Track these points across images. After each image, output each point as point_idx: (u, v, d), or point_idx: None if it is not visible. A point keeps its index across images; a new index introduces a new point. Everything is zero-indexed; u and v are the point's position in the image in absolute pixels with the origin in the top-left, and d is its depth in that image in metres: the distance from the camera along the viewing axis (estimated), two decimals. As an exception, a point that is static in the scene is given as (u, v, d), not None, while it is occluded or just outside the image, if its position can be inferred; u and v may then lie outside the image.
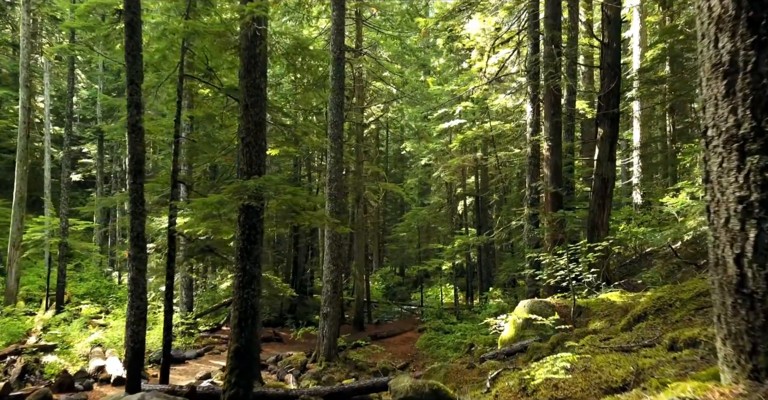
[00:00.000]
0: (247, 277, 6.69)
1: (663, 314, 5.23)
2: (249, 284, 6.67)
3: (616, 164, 12.57)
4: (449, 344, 16.32)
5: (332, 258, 14.14)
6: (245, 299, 6.62)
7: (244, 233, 6.73)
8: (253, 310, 6.65)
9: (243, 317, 6.57)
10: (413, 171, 36.11)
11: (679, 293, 5.40)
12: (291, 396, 7.90)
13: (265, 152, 6.95)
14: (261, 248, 6.88)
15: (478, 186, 24.85)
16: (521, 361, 7.15)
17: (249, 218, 6.72)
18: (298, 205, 6.55)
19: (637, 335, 4.62)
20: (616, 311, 7.56)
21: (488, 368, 7.00)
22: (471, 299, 26.06)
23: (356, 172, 22.00)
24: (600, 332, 6.30)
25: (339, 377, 13.28)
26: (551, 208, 12.56)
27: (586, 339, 5.20)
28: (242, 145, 6.88)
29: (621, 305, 7.81)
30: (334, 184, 14.30)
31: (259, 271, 6.82)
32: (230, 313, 6.66)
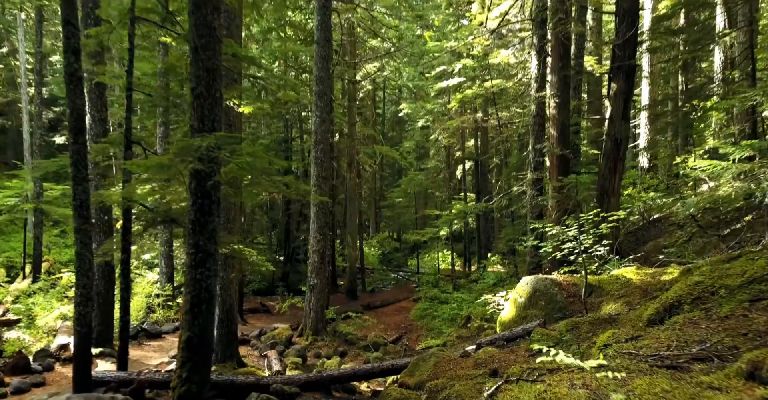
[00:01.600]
0: (200, 254, 5.63)
1: (703, 305, 4.20)
2: (203, 262, 5.63)
3: (629, 124, 11.37)
4: (445, 316, 15.51)
5: (319, 227, 13.11)
6: (198, 280, 5.59)
7: (196, 203, 5.64)
8: (208, 293, 5.62)
9: (196, 301, 5.56)
10: (411, 134, 34.77)
11: (723, 277, 4.35)
12: (262, 385, 6.99)
13: (221, 105, 5.79)
14: (218, 219, 5.81)
15: (477, 149, 23.62)
16: (523, 349, 6.18)
17: (201, 185, 5.62)
18: (257, 169, 5.45)
19: (677, 335, 3.59)
20: (633, 292, 6.55)
21: (485, 358, 6.04)
22: (469, 265, 25.24)
23: (349, 135, 20.74)
24: (620, 322, 5.28)
25: (326, 352, 12.48)
26: (557, 172, 11.44)
27: (607, 336, 4.17)
28: (192, 96, 5.70)
29: (639, 283, 6.80)
30: (320, 147, 13.11)
31: (216, 247, 5.77)
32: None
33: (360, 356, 12.73)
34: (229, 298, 10.11)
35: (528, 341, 6.36)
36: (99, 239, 10.75)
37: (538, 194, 11.67)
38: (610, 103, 11.09)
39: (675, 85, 22.07)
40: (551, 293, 7.13)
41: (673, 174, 21.73)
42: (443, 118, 23.52)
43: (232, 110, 9.96)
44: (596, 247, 7.85)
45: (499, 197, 13.80)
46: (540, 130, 12.13)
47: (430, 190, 29.98)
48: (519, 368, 4.49)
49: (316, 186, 13.06)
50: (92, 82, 10.54)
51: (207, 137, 5.29)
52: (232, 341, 10.16)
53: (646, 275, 7.08)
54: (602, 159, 11.36)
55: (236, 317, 10.29)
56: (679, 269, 6.72)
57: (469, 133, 25.19)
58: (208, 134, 5.34)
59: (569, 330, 5.66)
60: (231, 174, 5.60)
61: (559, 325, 5.96)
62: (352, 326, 14.61)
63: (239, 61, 8.93)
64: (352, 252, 20.58)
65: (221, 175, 5.23)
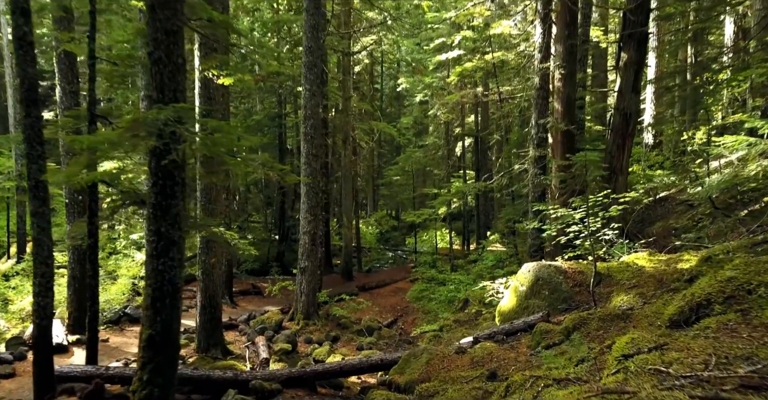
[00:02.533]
0: (163, 242, 4.99)
1: (739, 306, 3.57)
2: (166, 251, 4.99)
3: (640, 97, 10.61)
4: (442, 298, 15.00)
5: (310, 207, 12.47)
6: (161, 271, 4.96)
7: (156, 184, 4.97)
8: (172, 286, 5.00)
9: (158, 295, 4.94)
10: (409, 109, 33.84)
11: (762, 273, 3.71)
12: (241, 381, 6.44)
13: (184, 73, 5.06)
14: (183, 203, 5.14)
15: (477, 125, 22.80)
16: (525, 345, 5.60)
17: (162, 164, 4.94)
18: (222, 146, 4.77)
19: (713, 346, 2.97)
20: (646, 281, 5.93)
21: (483, 355, 5.46)
22: (467, 244, 24.69)
23: (343, 110, 19.92)
24: (635, 319, 4.67)
25: (318, 337, 11.98)
26: (562, 149, 10.74)
27: (624, 342, 3.54)
28: (150, 62, 4.97)
29: (652, 271, 6.18)
30: (310, 122, 12.37)
31: (181, 234, 5.12)
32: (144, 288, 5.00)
33: (353, 341, 12.24)
34: (212, 283, 9.54)
35: (530, 336, 5.78)
36: (73, 221, 10.13)
37: (540, 173, 10.98)
38: (619, 75, 10.33)
39: (684, 58, 21.15)
40: (555, 281, 6.53)
41: (679, 151, 21.01)
42: (442, 92, 22.64)
43: (212, 82, 9.21)
44: (604, 231, 7.22)
45: (500, 176, 13.12)
46: (543, 104, 11.37)
47: (429, 168, 29.25)
48: (521, 376, 3.89)
49: (306, 164, 12.38)
50: (61, 52, 9.77)
51: (164, 109, 4.59)
52: (215, 328, 9.63)
53: (660, 261, 6.47)
54: (609, 135, 10.65)
55: (220, 303, 9.73)
56: (696, 256, 6.10)
57: (469, 109, 24.34)
58: (166, 106, 4.63)
59: (577, 326, 5.06)
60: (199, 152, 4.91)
61: (565, 319, 5.36)
62: (345, 309, 14.10)
63: (216, 27, 8.15)
64: (348, 232, 19.99)
65: (177, 153, 4.54)
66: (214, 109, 9.45)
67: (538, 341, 5.32)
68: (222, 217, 14.52)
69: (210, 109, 9.35)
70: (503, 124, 20.44)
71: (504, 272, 14.12)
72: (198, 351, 9.50)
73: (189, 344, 9.81)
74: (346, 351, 11.31)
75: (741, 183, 8.25)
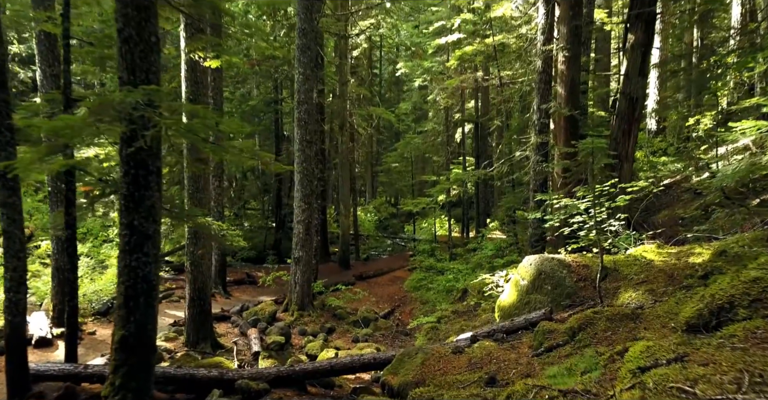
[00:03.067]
0: (136, 237, 4.61)
1: (766, 310, 3.20)
2: (139, 246, 4.62)
3: (647, 80, 10.17)
4: (440, 288, 14.68)
5: (304, 195, 12.08)
6: (134, 268, 4.59)
7: (128, 174, 4.57)
8: (147, 283, 4.64)
9: (132, 294, 4.58)
10: (408, 95, 33.27)
11: (791, 273, 3.34)
12: (227, 380, 6.11)
13: (158, 53, 4.64)
14: (159, 194, 4.76)
15: (478, 111, 22.32)
16: (526, 345, 5.25)
17: (135, 152, 4.54)
18: (198, 132, 4.36)
19: (743, 361, 2.61)
20: (656, 276, 5.57)
21: (481, 355, 5.12)
22: (467, 231, 24.35)
23: (340, 95, 19.42)
24: (646, 319, 4.31)
25: (312, 328, 11.68)
26: (565, 135, 10.32)
27: (639, 350, 3.19)
28: (119, 41, 4.54)
29: (662, 266, 5.82)
30: (303, 108, 11.92)
31: (156, 227, 4.74)
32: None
33: (348, 332, 11.95)
34: (201, 275, 9.20)
35: (532, 335, 5.43)
36: (56, 210, 9.73)
37: (542, 160, 10.57)
38: (625, 57, 9.87)
39: (690, 41, 20.59)
40: (559, 276, 6.17)
41: (684, 137, 20.57)
42: (441, 77, 22.11)
43: (199, 65, 8.76)
44: (610, 221, 6.85)
45: (500, 163, 12.71)
46: (546, 89, 10.92)
47: (428, 155, 28.79)
48: (523, 386, 3.54)
49: (300, 151, 11.96)
50: (39, 32, 9.29)
51: (133, 91, 4.18)
52: (205, 321, 9.32)
53: (670, 255, 6.10)
54: (614, 120, 10.23)
55: (210, 296, 9.40)
56: (709, 250, 5.73)
57: (469, 94, 23.83)
58: (134, 88, 4.22)
59: (582, 327, 4.71)
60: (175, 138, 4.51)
61: (570, 319, 5.00)
62: (341, 299, 13.79)
63: (201, 6, 7.68)
64: (345, 220, 19.63)
65: (145, 139, 4.14)
66: (201, 93, 9.00)
67: (540, 342, 4.98)
68: (216, 206, 14.15)
69: (197, 93, 8.91)
70: (504, 109, 19.94)
71: (504, 262, 13.78)
72: (187, 345, 9.20)
73: (178, 338, 9.50)
74: (341, 343, 11.01)
75: (752, 171, 7.86)
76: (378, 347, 10.39)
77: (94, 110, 4.05)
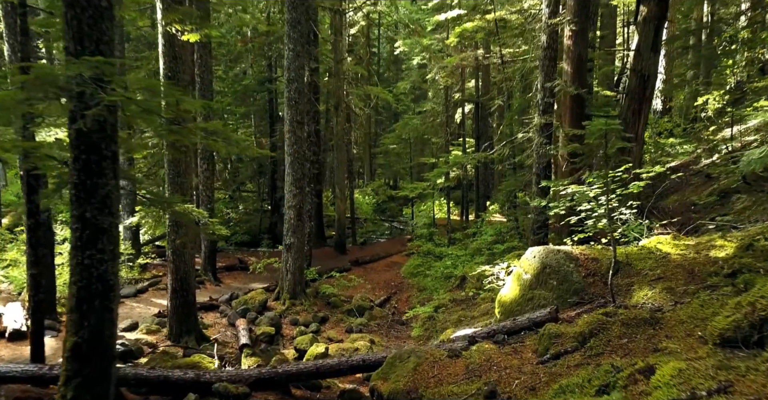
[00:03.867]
0: (89, 231, 4.06)
1: (823, 326, 2.66)
2: (93, 242, 4.07)
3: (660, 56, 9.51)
4: (438, 274, 14.21)
5: (295, 179, 11.50)
6: (87, 266, 4.05)
7: (78, 159, 4.00)
8: (103, 283, 4.11)
9: (85, 295, 4.05)
10: (407, 74, 32.40)
11: None
12: (204, 382, 5.63)
13: (111, 20, 4.02)
14: (116, 182, 4.19)
15: (478, 90, 21.57)
16: (530, 349, 4.74)
17: (86, 135, 3.97)
18: (152, 110, 3.77)
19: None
20: (674, 272, 5.04)
21: (480, 361, 4.61)
22: (466, 214, 23.83)
23: (335, 74, 18.69)
24: (667, 325, 3.78)
25: (304, 318, 11.23)
26: (571, 116, 9.71)
27: (670, 374, 2.67)
28: (64, 5, 3.92)
29: (679, 259, 5.28)
30: (293, 86, 11.27)
31: (114, 219, 4.19)
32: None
33: (342, 322, 11.51)
34: (183, 264, 8.67)
35: (536, 337, 4.92)
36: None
37: (546, 142, 9.95)
38: (637, 31, 9.20)
39: (699, 17, 19.77)
40: (565, 270, 5.63)
41: (691, 117, 19.91)
42: (440, 55, 21.33)
43: (177, 39, 8.10)
44: (621, 210, 6.29)
45: (501, 146, 12.10)
46: (551, 66, 10.24)
47: (427, 136, 28.08)
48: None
49: (291, 132, 11.35)
50: (6, 4, 8.60)
51: (75, 64, 3.57)
52: (189, 313, 8.83)
53: (688, 247, 5.56)
54: (624, 99, 9.61)
55: (194, 286, 8.90)
56: (732, 242, 5.19)
57: (469, 73, 23.05)
58: (77, 60, 3.61)
59: (594, 332, 4.18)
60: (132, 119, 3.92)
61: (580, 322, 4.48)
62: (336, 286, 13.31)
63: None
64: (341, 204, 19.08)
65: (85, 120, 3.55)
66: (181, 70, 8.36)
67: (546, 347, 4.46)
68: (204, 190, 13.57)
69: (176, 70, 8.27)
70: (505, 88, 19.21)
71: (504, 248, 13.26)
72: (170, 338, 8.73)
73: (160, 330, 9.02)
74: (334, 334, 10.57)
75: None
76: (372, 338, 9.94)
77: (28, 85, 3.45)
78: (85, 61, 3.57)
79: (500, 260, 10.36)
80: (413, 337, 10.39)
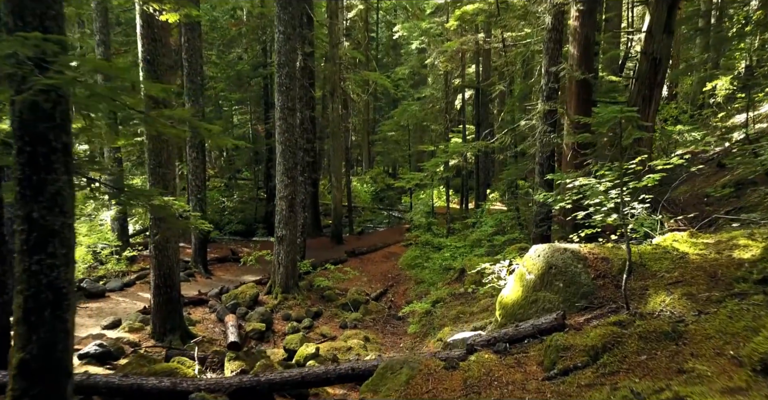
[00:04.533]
0: (36, 233, 3.58)
1: None
2: (42, 245, 3.60)
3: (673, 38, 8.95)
4: (436, 266, 13.78)
5: (286, 169, 11.01)
6: (36, 273, 3.58)
7: (23, 152, 3.51)
8: (54, 292, 3.64)
9: (33, 306, 3.58)
10: (406, 59, 31.68)
11: None
12: (180, 391, 5.20)
13: (57, -9, 3.49)
14: (68, 177, 3.70)
15: (479, 76, 20.95)
16: (535, 361, 4.29)
17: (31, 124, 3.47)
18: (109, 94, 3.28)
19: None
20: (694, 276, 4.57)
21: (479, 375, 4.17)
22: (466, 203, 23.38)
23: (330, 59, 18.06)
24: (693, 341, 3.32)
25: (297, 313, 10.82)
26: (577, 102, 9.18)
27: None
28: (2, -26, 3.41)
29: (699, 261, 4.81)
30: (284, 71, 10.72)
31: (66, 220, 3.70)
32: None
33: (336, 316, 11.10)
34: (166, 259, 8.22)
35: (540, 346, 4.47)
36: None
37: (550, 130, 9.44)
38: (649, 11, 8.65)
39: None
40: (573, 271, 5.17)
41: (698, 103, 19.35)
42: (439, 39, 20.67)
43: (156, 20, 7.54)
44: (633, 204, 5.82)
45: (503, 134, 11.56)
46: (556, 49, 9.68)
47: (426, 123, 27.49)
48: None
49: (282, 119, 10.82)
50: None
51: (11, 41, 3.06)
52: (173, 310, 8.39)
53: (707, 247, 5.08)
54: (633, 85, 9.08)
55: (178, 282, 8.44)
56: (758, 242, 4.71)
57: (469, 59, 22.41)
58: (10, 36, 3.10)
59: (607, 346, 3.73)
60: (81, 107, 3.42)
61: (591, 333, 4.02)
62: (331, 279, 12.90)
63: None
64: (337, 193, 18.59)
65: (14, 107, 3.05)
66: (161, 53, 7.81)
67: (553, 361, 4.01)
68: (194, 179, 13.07)
69: (155, 53, 7.72)
70: (507, 73, 18.59)
71: (505, 239, 12.82)
72: (153, 336, 8.31)
73: (144, 328, 8.59)
74: (327, 330, 10.16)
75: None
76: (366, 335, 9.54)
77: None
78: (20, 38, 3.05)
79: (501, 256, 9.89)
80: (409, 333, 9.98)
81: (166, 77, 7.91)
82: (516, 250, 10.30)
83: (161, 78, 7.75)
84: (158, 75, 7.73)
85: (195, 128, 4.02)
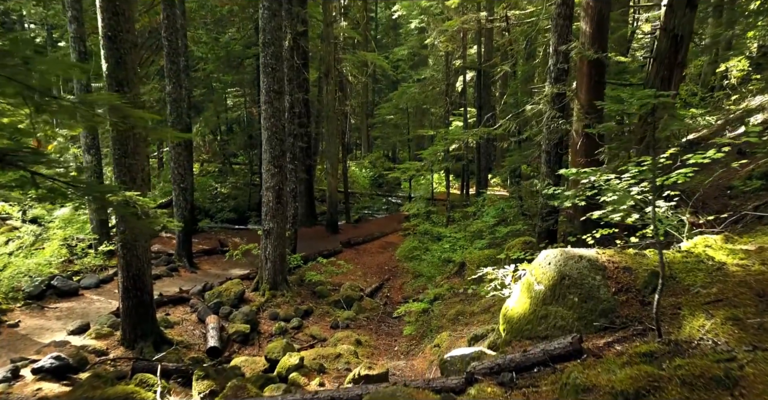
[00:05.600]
0: None
1: None
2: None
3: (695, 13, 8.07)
4: (435, 259, 13.06)
5: (273, 157, 10.21)
6: None
7: None
8: None
9: None
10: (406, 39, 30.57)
11: None
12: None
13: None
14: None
15: (480, 57, 19.96)
16: (546, 399, 3.56)
17: None
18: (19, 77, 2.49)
19: None
20: (737, 293, 3.81)
21: (480, 418, 3.42)
22: (466, 189, 22.57)
23: (324, 38, 17.11)
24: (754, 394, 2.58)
25: (286, 311, 10.12)
26: (588, 83, 8.34)
27: None
28: None
29: (740, 273, 4.05)
30: (270, 51, 9.85)
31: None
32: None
33: (328, 315, 10.41)
34: (135, 259, 7.48)
35: (554, 377, 3.73)
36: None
37: (559, 116, 8.60)
38: (671, -17, 7.73)
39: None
40: (590, 283, 4.41)
41: (709, 86, 18.45)
42: (440, 17, 19.66)
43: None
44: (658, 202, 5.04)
45: (507, 119, 10.71)
46: (565, 26, 8.77)
47: (426, 106, 26.53)
48: None
49: (267, 103, 10.00)
50: None
51: None
52: (145, 313, 7.68)
53: (748, 254, 4.32)
54: (652, 65, 8.21)
55: (149, 284, 7.71)
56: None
57: (470, 39, 21.39)
58: None
59: (641, 393, 2.98)
60: None
61: (619, 374, 3.27)
62: (323, 273, 12.20)
63: None
64: (332, 180, 17.80)
65: None
66: (124, 29, 6.95)
67: (570, 398, 3.28)
68: (176, 167, 12.28)
69: (118, 29, 6.87)
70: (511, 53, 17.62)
71: (507, 231, 12.05)
72: (123, 344, 7.61)
73: (113, 333, 7.88)
74: (317, 330, 9.49)
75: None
76: (359, 338, 8.86)
77: None
78: None
79: (504, 254, 9.15)
80: (405, 335, 9.30)
81: (131, 56, 7.07)
82: (520, 244, 9.55)
83: (124, 57, 6.92)
84: (121, 54, 6.89)
85: (126, 118, 3.24)
